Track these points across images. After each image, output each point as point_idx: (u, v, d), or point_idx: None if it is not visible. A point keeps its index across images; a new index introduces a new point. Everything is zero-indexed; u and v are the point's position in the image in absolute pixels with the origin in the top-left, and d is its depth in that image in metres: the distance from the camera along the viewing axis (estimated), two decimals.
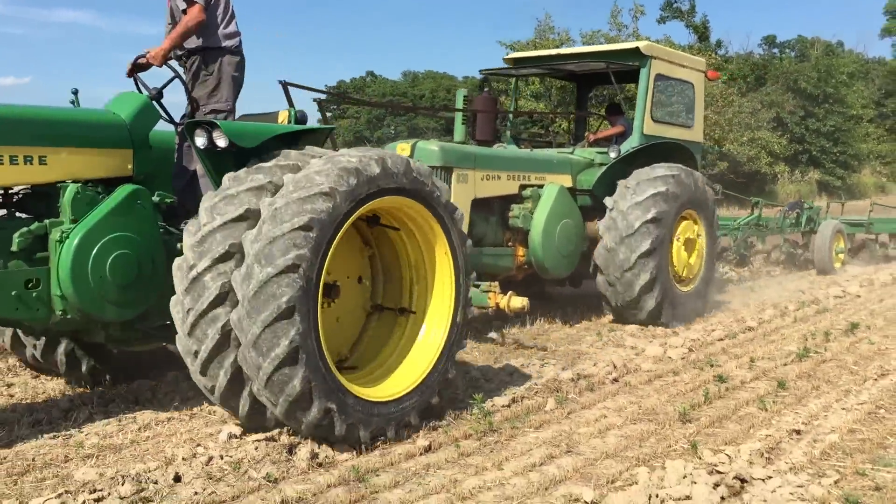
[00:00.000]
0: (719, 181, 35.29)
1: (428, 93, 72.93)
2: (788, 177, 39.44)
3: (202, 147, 4.96)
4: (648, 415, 5.49)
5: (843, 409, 5.58)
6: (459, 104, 8.99)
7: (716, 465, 4.37)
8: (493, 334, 7.92)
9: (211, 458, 4.46)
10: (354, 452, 4.65)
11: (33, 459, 4.49)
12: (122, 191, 5.01)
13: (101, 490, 4.00)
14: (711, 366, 6.83)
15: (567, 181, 9.00)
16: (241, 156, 4.97)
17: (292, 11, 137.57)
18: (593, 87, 11.93)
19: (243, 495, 4.07)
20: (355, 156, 4.70)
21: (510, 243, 8.57)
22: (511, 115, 11.29)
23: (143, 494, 3.98)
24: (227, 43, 5.79)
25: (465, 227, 7.31)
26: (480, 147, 8.83)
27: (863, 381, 6.38)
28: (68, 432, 4.96)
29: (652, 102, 9.25)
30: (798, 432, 5.07)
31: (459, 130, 8.92)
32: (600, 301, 8.94)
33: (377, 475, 4.35)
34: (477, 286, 7.15)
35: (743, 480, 4.21)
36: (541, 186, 8.62)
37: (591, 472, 4.45)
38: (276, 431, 4.95)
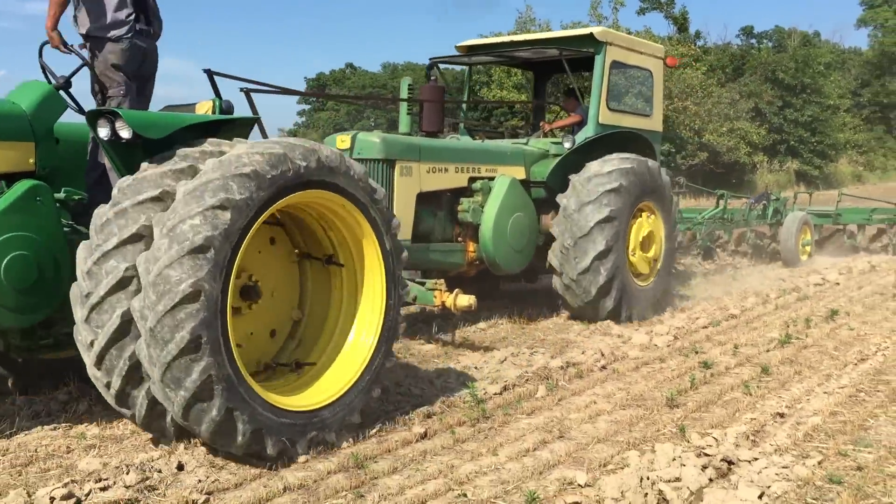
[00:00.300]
0: (699, 171, 35.70)
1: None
2: (767, 167, 39.85)
3: (105, 138, 4.55)
4: (637, 400, 5.63)
5: (825, 392, 5.75)
6: (404, 94, 8.57)
7: (703, 448, 4.52)
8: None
9: (212, 447, 4.54)
10: (352, 440, 4.75)
11: (36, 450, 4.55)
12: (20, 187, 4.59)
13: (106, 479, 4.07)
14: (696, 353, 6.99)
15: (520, 173, 8.68)
16: (152, 148, 4.55)
17: (270, 2, 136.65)
18: (551, 76, 11.45)
19: (246, 482, 4.16)
20: (256, 148, 4.30)
21: (460, 238, 8.24)
22: (464, 106, 11.12)
23: (147, 483, 4.06)
24: (113, 32, 5.40)
25: (409, 223, 7.40)
26: (426, 138, 8.30)
27: (843, 365, 6.56)
28: (68, 423, 5.02)
29: (608, 90, 8.95)
30: (782, 415, 5.24)
31: (405, 121, 8.47)
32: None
33: (375, 462, 4.45)
34: (422, 284, 6.99)
35: (730, 462, 4.36)
36: (492, 179, 8.30)
37: (584, 457, 4.58)
38: None
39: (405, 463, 4.47)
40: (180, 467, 4.29)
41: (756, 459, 4.40)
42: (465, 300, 6.82)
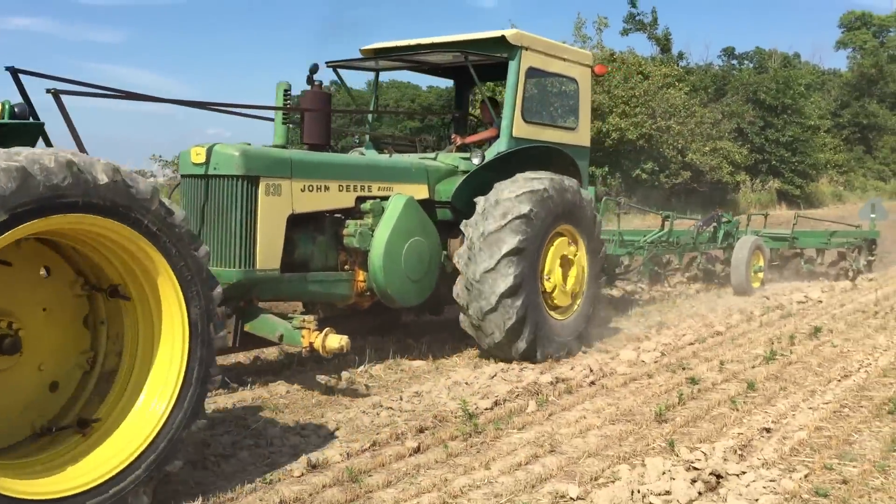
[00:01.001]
0: (682, 190, 36.04)
1: (392, 102, 73.22)
2: (750, 186, 40.28)
3: None
4: (626, 415, 5.71)
5: (810, 408, 5.85)
6: (279, 101, 7.07)
7: (692, 462, 4.60)
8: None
9: (208, 462, 4.58)
10: (346, 454, 4.80)
11: None
12: None
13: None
14: (683, 369, 7.08)
15: (422, 192, 7.57)
16: None
17: (249, 15, 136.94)
18: (475, 84, 9.11)
19: (241, 496, 4.20)
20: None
21: (347, 266, 7.07)
22: (370, 116, 9.90)
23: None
24: None
25: (277, 249, 6.32)
26: (300, 152, 7.00)
27: (827, 381, 6.67)
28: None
29: (523, 100, 7.95)
30: (768, 430, 5.33)
31: (279, 132, 7.00)
32: None
33: (370, 476, 4.50)
34: (290, 320, 6.13)
35: (718, 476, 4.45)
36: (386, 199, 7.17)
37: (575, 470, 4.65)
38: (269, 436, 5.10)
39: (399, 476, 4.52)
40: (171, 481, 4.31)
41: (744, 473, 4.49)
42: (336, 341, 5.85)
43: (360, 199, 7.11)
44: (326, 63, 8.51)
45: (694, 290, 12.36)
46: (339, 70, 8.80)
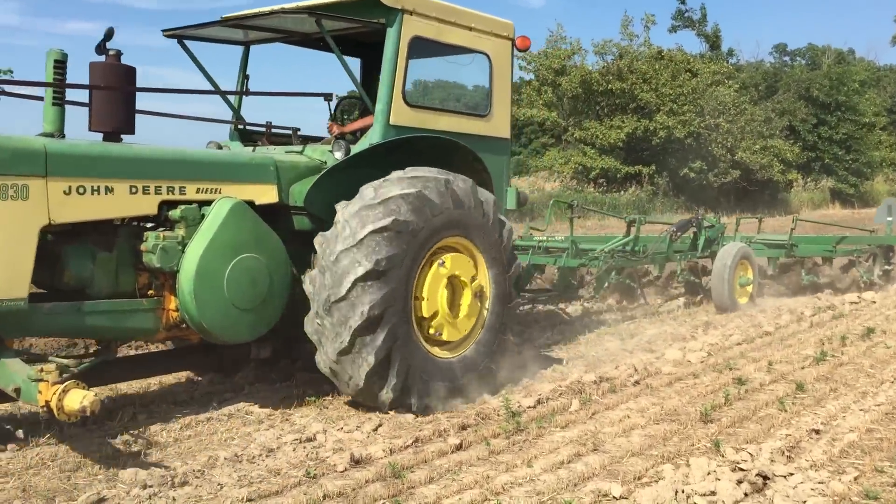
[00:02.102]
0: (732, 189, 35.49)
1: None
2: (802, 185, 39.51)
3: None
4: (671, 415, 5.65)
5: (861, 410, 5.73)
6: (49, 75, 5.30)
7: (738, 463, 4.54)
8: None
9: (253, 457, 4.67)
10: (389, 450, 4.83)
11: (83, 456, 4.68)
12: None
13: (151, 487, 4.19)
14: (730, 369, 6.98)
15: (266, 194, 5.90)
16: None
17: None
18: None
19: (286, 490, 4.26)
20: None
21: (151, 292, 5.49)
22: (236, 99, 7.19)
23: (194, 492, 4.18)
24: None
25: (22, 272, 4.75)
26: (62, 141, 5.21)
27: (879, 383, 6.52)
28: (114, 431, 5.16)
29: (405, 78, 6.26)
30: (817, 432, 5.23)
31: (49, 117, 5.31)
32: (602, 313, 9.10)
33: (412, 471, 4.53)
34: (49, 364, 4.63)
35: (765, 477, 4.38)
36: (208, 203, 5.55)
37: (618, 469, 4.62)
38: (312, 431, 5.17)
39: (441, 473, 4.54)
40: (222, 475, 4.39)
41: (791, 475, 4.42)
42: (77, 401, 4.28)
43: (167, 205, 5.47)
44: (163, 31, 6.75)
45: (674, 305, 10.62)
46: (186, 41, 6.88)
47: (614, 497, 4.20)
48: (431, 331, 5.94)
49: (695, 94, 33.95)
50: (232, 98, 7.15)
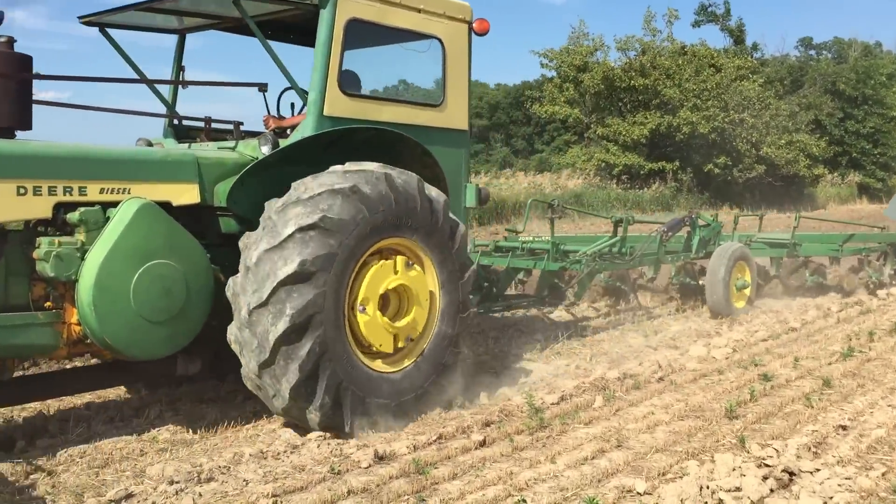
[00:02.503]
0: (757, 185, 35.17)
1: None
2: (829, 179, 39.09)
3: None
4: (695, 412, 5.62)
5: (889, 405, 5.66)
6: None
7: (764, 459, 4.50)
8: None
9: (278, 453, 4.71)
10: (413, 447, 4.85)
11: (111, 453, 4.76)
12: None
13: (178, 483, 4.25)
14: (756, 365, 6.93)
15: (186, 194, 5.35)
16: None
17: None
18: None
19: (310, 486, 4.29)
20: None
21: (48, 304, 4.93)
22: (170, 89, 6.65)
23: (220, 488, 4.22)
24: None
25: None
26: None
27: None
28: (141, 428, 5.23)
29: (340, 65, 5.71)
30: (844, 428, 5.18)
31: None
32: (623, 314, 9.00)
33: (436, 468, 4.54)
34: None
35: (791, 473, 4.34)
36: (113, 205, 5.01)
37: (642, 466, 4.60)
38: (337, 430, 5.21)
39: (465, 469, 4.55)
40: (247, 471, 4.44)
41: (818, 470, 4.37)
42: None
43: (65, 207, 4.92)
44: (79, 18, 6.35)
45: (666, 311, 10.03)
46: (108, 29, 6.38)
47: (638, 493, 4.18)
48: (369, 342, 5.33)
49: (719, 90, 33.69)
50: (166, 92, 6.59)
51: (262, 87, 6.03)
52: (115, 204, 4.99)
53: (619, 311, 9.88)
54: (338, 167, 5.34)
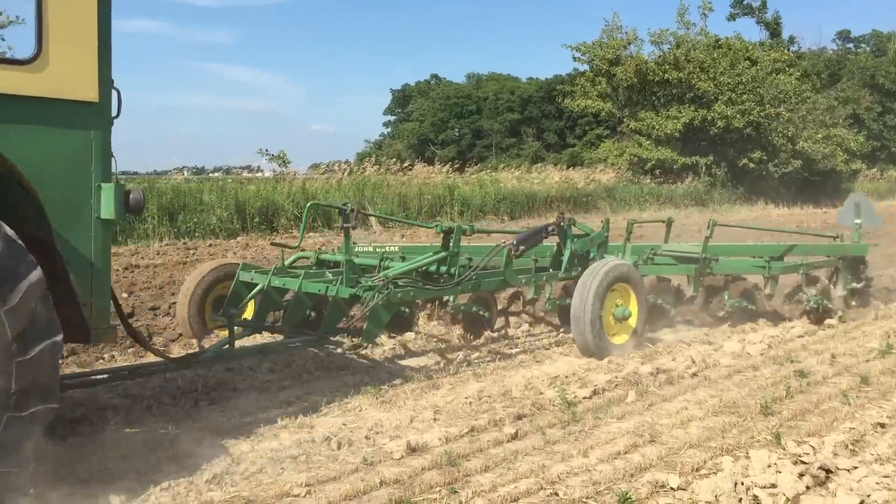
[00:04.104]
0: (793, 180, 34.68)
1: (491, 94, 73.47)
2: (867, 175, 38.44)
3: None
4: (730, 407, 5.57)
5: None
6: None
7: (800, 456, 4.46)
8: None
9: (312, 442, 4.75)
10: (445, 438, 4.87)
11: (149, 440, 4.83)
12: None
13: (215, 469, 4.31)
14: (791, 361, 6.85)
15: None
16: None
17: (352, 11, 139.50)
18: None
19: (344, 476, 4.33)
20: None
21: None
22: None
23: (256, 476, 4.28)
24: None
25: None
26: None
27: None
28: (178, 416, 5.31)
29: None
30: (882, 426, 5.11)
31: None
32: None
33: (468, 460, 4.55)
34: None
35: (828, 471, 4.30)
36: None
37: (676, 461, 4.57)
38: (369, 418, 5.24)
39: (497, 462, 4.55)
40: (282, 460, 4.49)
41: (855, 468, 4.32)
42: None
43: None
44: None
45: (547, 342, 7.96)
46: None
47: (672, 488, 4.16)
48: None
49: (754, 83, 33.28)
50: None
51: None
52: None
53: (475, 346, 7.69)
54: None
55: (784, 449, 4.64)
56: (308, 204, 7.91)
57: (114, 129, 4.31)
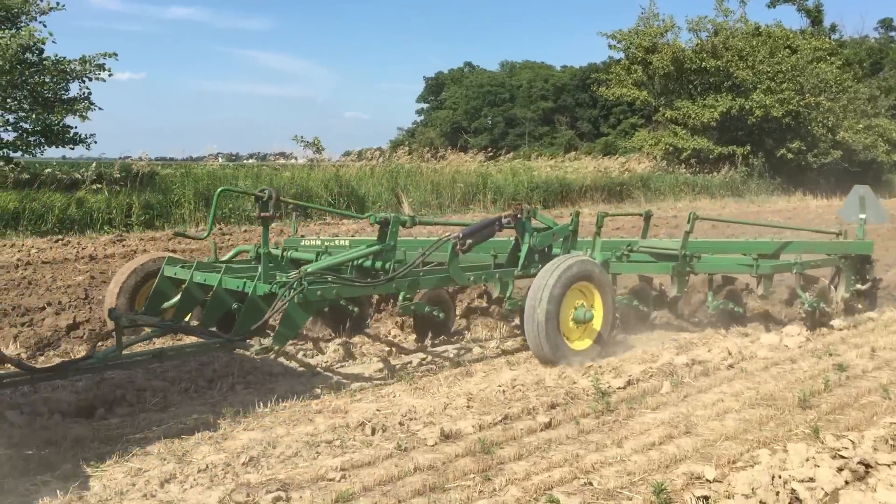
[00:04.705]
0: (832, 170, 34.08)
1: (525, 82, 73.10)
2: None
3: None
4: (767, 400, 5.51)
5: None
6: None
7: (839, 450, 4.39)
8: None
9: (347, 427, 4.79)
10: (478, 426, 4.87)
11: (187, 422, 4.90)
12: None
13: (251, 452, 4.36)
14: (830, 355, 6.74)
15: None
16: None
17: (391, 1, 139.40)
18: None
19: (378, 462, 4.35)
20: None
21: None
22: None
23: (292, 459, 4.32)
24: None
25: None
26: None
27: None
28: (214, 399, 5.37)
29: None
30: None
31: None
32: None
33: (502, 448, 4.56)
34: None
35: (867, 466, 4.22)
36: None
37: (711, 453, 4.53)
38: (403, 405, 5.26)
39: (530, 450, 4.55)
40: (318, 445, 4.53)
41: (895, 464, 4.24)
42: None
43: None
44: None
45: (511, 346, 7.25)
46: None
47: (708, 480, 4.13)
48: None
49: (794, 72, 32.71)
50: None
51: None
52: None
53: (424, 349, 7.15)
54: None
55: (822, 443, 4.58)
56: (218, 190, 7.06)
57: (151, 116, 4.36)
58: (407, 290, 6.35)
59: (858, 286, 8.54)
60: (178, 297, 6.61)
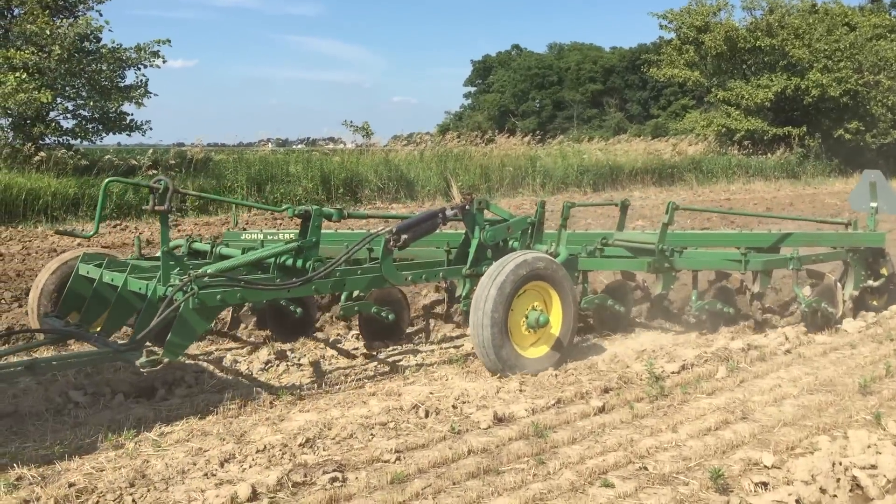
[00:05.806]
0: (892, 151, 33.07)
1: (573, 64, 72.35)
2: None
3: None
4: (826, 386, 5.41)
5: None
6: None
7: None
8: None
9: (401, 410, 4.83)
10: (531, 410, 4.88)
11: (245, 404, 4.99)
12: None
13: (308, 434, 4.42)
14: (892, 339, 6.59)
15: None
16: None
17: None
18: None
19: (432, 444, 4.39)
20: None
21: None
22: None
23: (347, 441, 4.38)
24: None
25: None
26: None
27: None
28: (271, 382, 5.47)
29: None
30: None
31: None
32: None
33: (555, 432, 4.55)
34: None
35: None
36: None
37: (769, 439, 4.47)
38: (456, 388, 5.29)
39: (584, 434, 4.54)
40: (372, 427, 4.58)
41: None
42: None
43: None
44: None
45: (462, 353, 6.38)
46: None
47: (766, 466, 4.07)
48: None
49: (852, 50, 31.78)
50: None
51: None
52: None
53: (375, 357, 6.38)
54: None
55: (884, 430, 4.48)
56: (105, 182, 5.96)
57: (203, 102, 4.39)
58: (330, 291, 5.81)
59: (871, 283, 7.70)
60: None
